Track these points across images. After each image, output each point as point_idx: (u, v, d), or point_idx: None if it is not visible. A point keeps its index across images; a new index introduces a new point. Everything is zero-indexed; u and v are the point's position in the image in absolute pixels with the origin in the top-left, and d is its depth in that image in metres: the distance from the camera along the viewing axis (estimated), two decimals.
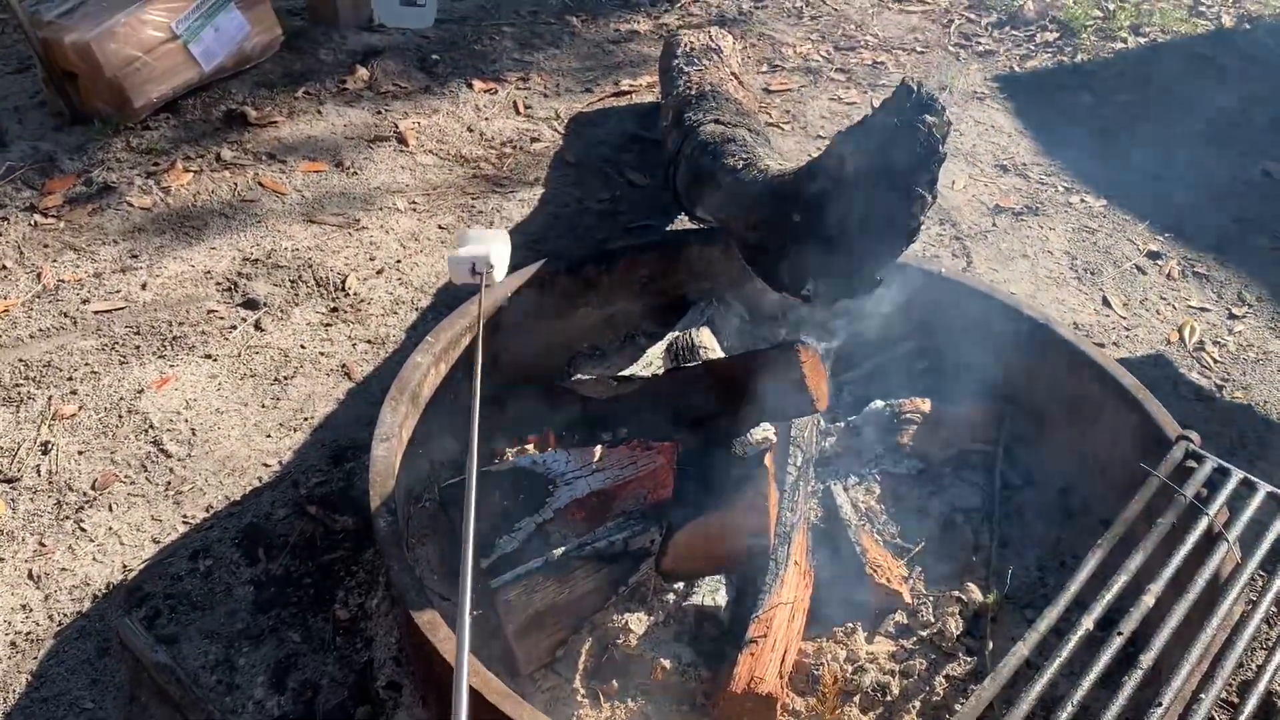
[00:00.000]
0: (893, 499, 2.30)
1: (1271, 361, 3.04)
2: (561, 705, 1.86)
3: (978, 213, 3.66)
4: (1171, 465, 2.00)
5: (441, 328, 2.27)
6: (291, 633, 2.07)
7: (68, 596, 2.14)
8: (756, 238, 2.02)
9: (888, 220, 1.77)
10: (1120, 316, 3.21)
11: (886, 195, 1.75)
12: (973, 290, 2.50)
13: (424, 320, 2.96)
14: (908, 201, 1.74)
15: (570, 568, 2.01)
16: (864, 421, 2.41)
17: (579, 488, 2.19)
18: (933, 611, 2.05)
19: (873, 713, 1.87)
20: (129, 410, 2.60)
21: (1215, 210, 3.73)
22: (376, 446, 1.95)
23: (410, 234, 3.34)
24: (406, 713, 1.92)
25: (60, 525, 2.29)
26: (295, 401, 2.66)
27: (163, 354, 2.78)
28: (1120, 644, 1.66)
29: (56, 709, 1.93)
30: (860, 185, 1.77)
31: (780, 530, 2.05)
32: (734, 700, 1.76)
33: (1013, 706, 1.57)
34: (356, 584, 2.16)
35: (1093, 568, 1.80)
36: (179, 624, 2.08)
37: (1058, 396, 2.41)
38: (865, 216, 1.79)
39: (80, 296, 2.98)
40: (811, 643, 1.97)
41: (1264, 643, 2.16)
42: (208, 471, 2.44)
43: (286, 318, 2.95)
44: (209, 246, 3.22)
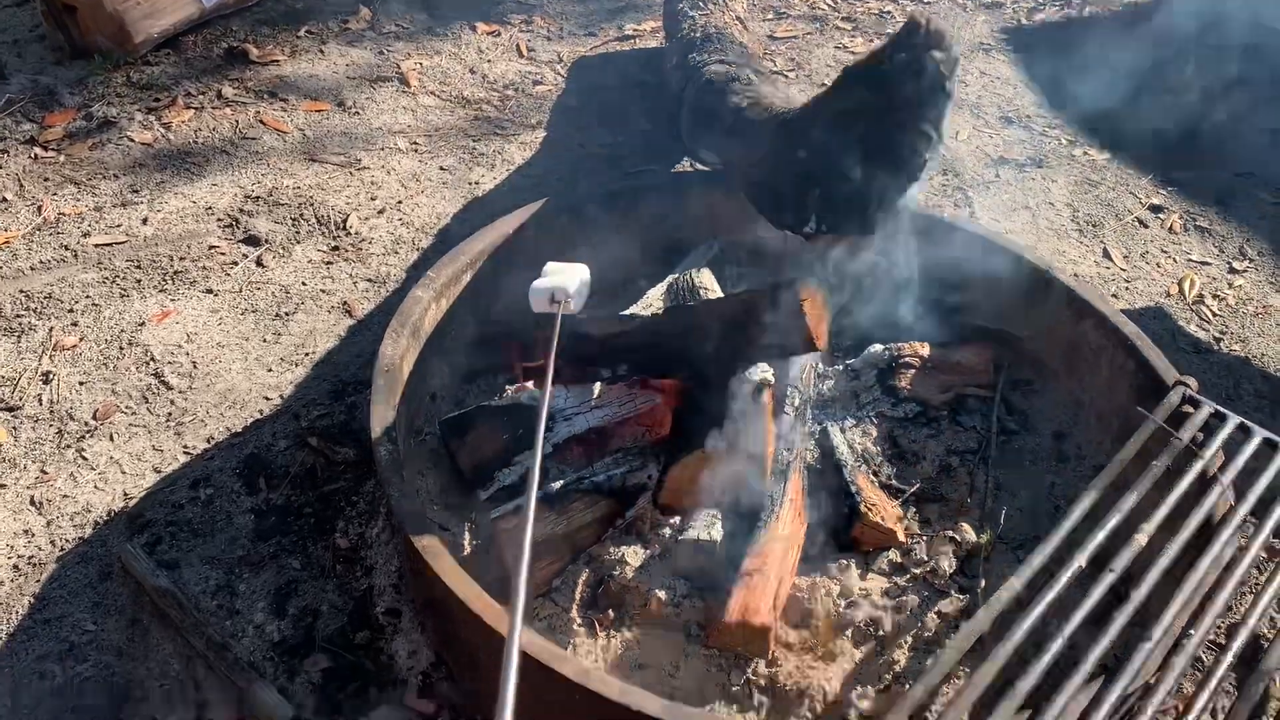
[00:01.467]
0: (889, 441, 2.31)
1: (1271, 316, 3.05)
2: (558, 633, 1.88)
3: (981, 164, 3.65)
4: (1168, 410, 2.01)
5: (443, 263, 2.27)
6: (292, 560, 2.09)
7: (69, 523, 2.16)
8: (760, 175, 2.01)
9: (893, 158, 1.77)
10: (1120, 269, 3.21)
11: (892, 132, 1.74)
12: (974, 236, 2.50)
13: (425, 260, 2.95)
14: (913, 138, 1.73)
15: (568, 501, 2.02)
16: (862, 364, 2.42)
17: (578, 424, 2.20)
18: (926, 550, 2.07)
19: (865, 646, 1.90)
20: (130, 342, 2.60)
21: (1219, 164, 3.71)
22: (377, 377, 1.96)
23: (411, 175, 3.32)
24: (405, 638, 1.94)
25: (62, 454, 2.31)
26: (296, 337, 2.67)
27: (163, 288, 2.78)
28: (1111, 581, 1.68)
29: (59, 630, 1.95)
30: (866, 122, 1.76)
31: (777, 468, 2.06)
32: (728, 630, 1.78)
33: (1003, 640, 1.59)
34: (357, 514, 2.18)
35: (1086, 508, 1.82)
36: (180, 550, 2.10)
37: (1056, 343, 2.42)
38: (870, 154, 1.78)
39: (81, 230, 2.97)
40: (805, 578, 1.99)
41: (1253, 587, 2.19)
42: (208, 403, 2.45)
43: (288, 255, 2.94)
44: (210, 183, 3.21)
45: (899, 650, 1.89)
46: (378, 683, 1.88)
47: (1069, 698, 1.50)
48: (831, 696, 1.80)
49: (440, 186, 3.28)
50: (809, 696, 1.79)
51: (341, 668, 1.90)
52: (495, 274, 2.37)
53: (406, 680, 1.89)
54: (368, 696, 1.86)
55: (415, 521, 1.69)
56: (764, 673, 1.82)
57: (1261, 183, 3.65)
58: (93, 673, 1.89)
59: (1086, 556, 1.72)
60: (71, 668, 1.90)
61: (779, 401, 2.18)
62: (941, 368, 2.40)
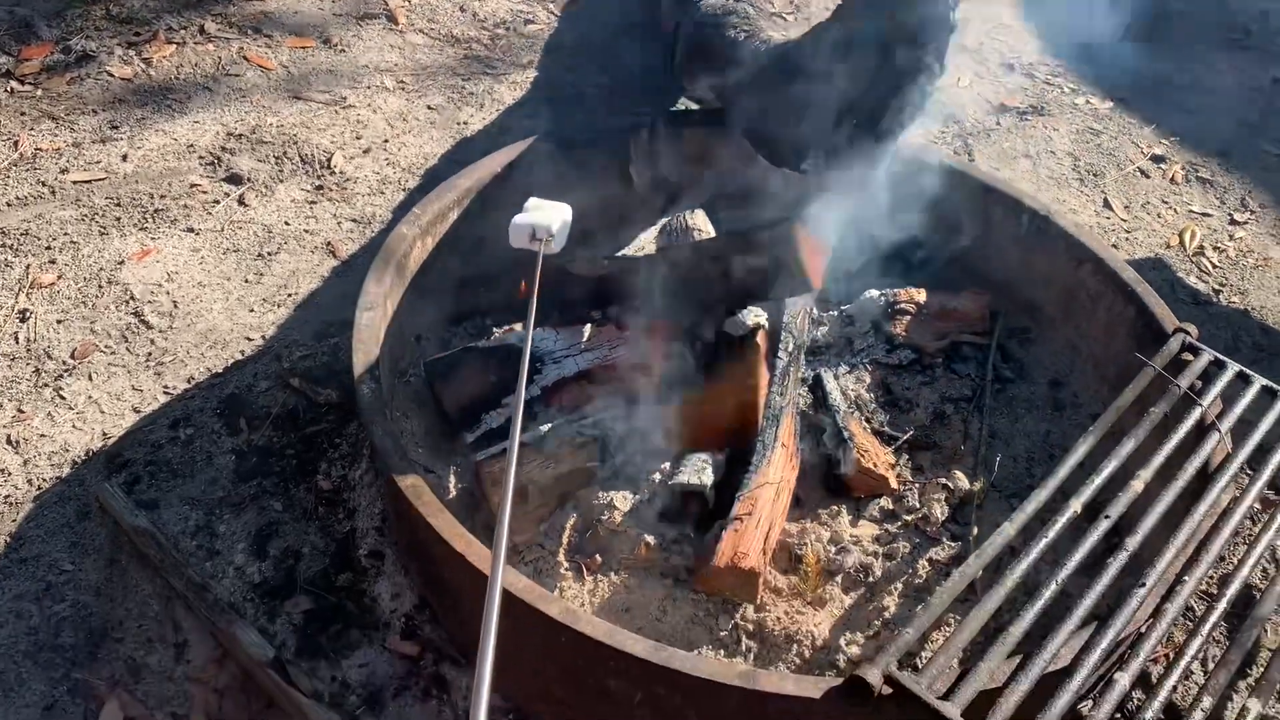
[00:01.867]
0: (883, 388, 2.27)
1: (1271, 268, 3.01)
2: (545, 577, 1.85)
3: (982, 110, 3.58)
4: (1167, 357, 1.98)
5: (428, 200, 2.21)
6: (273, 501, 2.05)
7: (47, 462, 2.11)
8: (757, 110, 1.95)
9: (894, 92, 1.71)
10: (1121, 219, 3.16)
11: (893, 65, 1.69)
12: (974, 180, 2.45)
13: (411, 201, 2.87)
14: (915, 72, 1.68)
15: (555, 444, 1.99)
16: (857, 310, 2.37)
17: (567, 366, 2.16)
18: (918, 498, 2.04)
19: (854, 592, 1.88)
20: (109, 281, 2.54)
21: (1223, 115, 3.65)
22: (360, 315, 1.91)
23: (398, 114, 3.25)
24: (388, 580, 1.91)
25: (39, 392, 2.26)
26: (279, 277, 2.61)
27: (144, 226, 2.72)
28: (1106, 528, 1.66)
29: (36, 569, 1.92)
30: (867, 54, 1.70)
31: (769, 413, 2.03)
32: (717, 574, 1.76)
33: (995, 586, 1.56)
34: (339, 455, 2.14)
35: (1082, 455, 1.78)
36: (159, 490, 2.06)
37: (1054, 289, 2.37)
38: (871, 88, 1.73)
39: (59, 166, 2.89)
40: (796, 524, 1.96)
41: (1246, 537, 2.17)
42: (189, 343, 2.40)
43: (271, 194, 2.88)
44: (192, 120, 3.13)
45: (889, 597, 1.87)
46: (360, 625, 1.85)
47: (1060, 643, 1.48)
48: (820, 642, 1.78)
49: (428, 126, 3.20)
50: (797, 642, 1.77)
51: (323, 610, 1.87)
52: (483, 212, 2.31)
53: (389, 623, 1.86)
54: (350, 638, 1.83)
55: (398, 462, 1.66)
56: (752, 618, 1.80)
57: (1265, 134, 3.59)
58: (70, 612, 1.86)
59: (1081, 503, 1.70)
60: (48, 607, 1.86)
61: (772, 346, 2.14)
62: (937, 314, 2.36)
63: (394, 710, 1.74)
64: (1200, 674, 1.92)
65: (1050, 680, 1.45)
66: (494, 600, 1.07)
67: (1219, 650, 1.95)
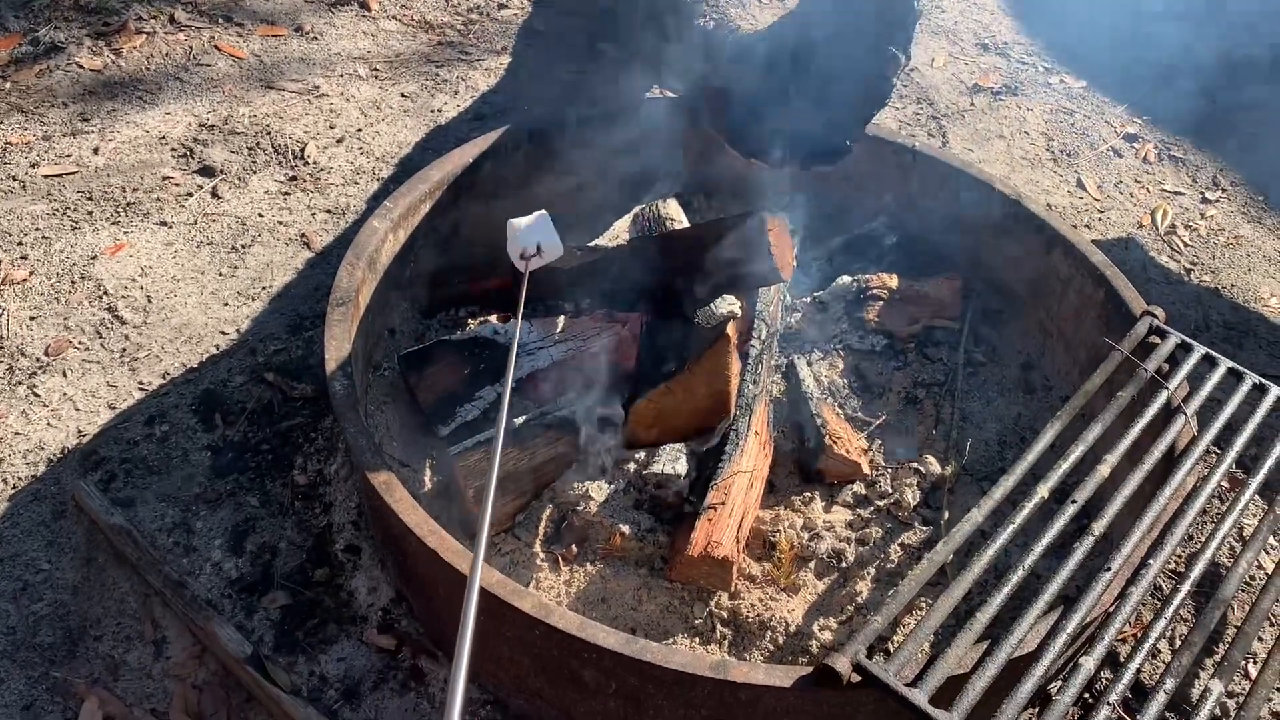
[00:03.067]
0: (856, 374, 2.29)
1: (1242, 246, 3.04)
2: (521, 569, 1.87)
3: (956, 92, 3.59)
4: (1135, 340, 2.00)
5: (400, 193, 2.20)
6: (249, 497, 2.06)
7: (22, 460, 2.11)
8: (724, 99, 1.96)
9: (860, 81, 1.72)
10: (1094, 199, 3.18)
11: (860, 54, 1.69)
12: (945, 165, 2.46)
13: (385, 191, 2.88)
14: (881, 61, 1.68)
15: (531, 436, 1.99)
16: (830, 297, 2.39)
17: (541, 358, 2.16)
18: (890, 483, 2.06)
19: (828, 578, 1.90)
20: (82, 276, 2.53)
21: (1196, 93, 3.67)
22: (332, 310, 1.91)
23: (372, 102, 3.23)
24: (365, 575, 1.92)
25: (13, 390, 2.25)
26: (253, 270, 2.60)
27: (116, 220, 2.70)
28: (1073, 512, 1.68)
29: (13, 569, 1.92)
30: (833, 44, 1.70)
31: (742, 401, 2.04)
32: (690, 564, 1.77)
33: (964, 571, 1.58)
34: (315, 450, 2.14)
35: (1050, 439, 1.81)
36: (135, 488, 2.06)
37: (1025, 273, 2.39)
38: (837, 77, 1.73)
39: (29, 160, 2.87)
40: (769, 511, 1.98)
41: (1214, 517, 2.20)
42: (164, 339, 2.40)
43: (244, 185, 2.86)
44: (163, 111, 3.11)
45: (862, 582, 1.89)
46: (337, 619, 1.86)
47: (1028, 627, 1.50)
48: (794, 628, 1.80)
49: (401, 114, 3.19)
50: (771, 628, 1.79)
51: (300, 605, 1.88)
52: (455, 204, 2.31)
53: (367, 616, 1.87)
54: (327, 633, 1.84)
55: (371, 458, 1.66)
56: (727, 605, 1.82)
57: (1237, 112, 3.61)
58: (48, 611, 1.86)
59: (1049, 488, 1.72)
60: (26, 606, 1.87)
61: (745, 334, 2.15)
62: (909, 300, 2.37)
63: (372, 703, 1.75)
64: (1167, 652, 1.96)
65: (1018, 664, 1.48)
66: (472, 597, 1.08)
67: (1185, 629, 1.98)
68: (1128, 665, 1.53)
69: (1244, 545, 1.81)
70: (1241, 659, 1.66)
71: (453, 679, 0.97)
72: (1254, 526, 1.87)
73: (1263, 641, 1.99)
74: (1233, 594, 1.72)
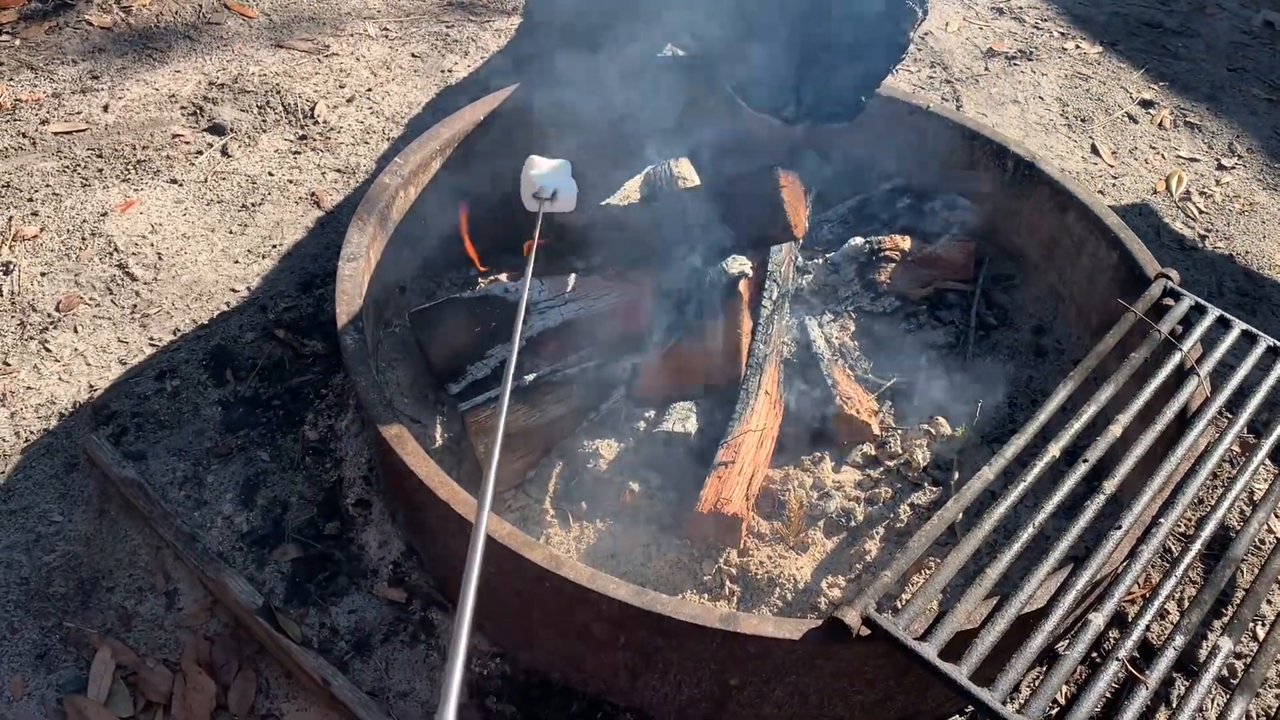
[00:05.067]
0: (867, 336, 2.28)
1: (1257, 213, 3.01)
2: (531, 525, 1.87)
3: (970, 56, 3.55)
4: (1149, 302, 1.99)
5: (411, 150, 2.19)
6: (260, 452, 2.07)
7: (34, 414, 2.12)
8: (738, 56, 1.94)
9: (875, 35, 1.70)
10: (1108, 165, 3.15)
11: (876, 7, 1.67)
12: (958, 126, 2.44)
13: (395, 151, 2.85)
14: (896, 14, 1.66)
15: (541, 393, 2.00)
16: (842, 258, 2.37)
17: (552, 317, 2.16)
18: (901, 444, 2.06)
19: (836, 537, 1.90)
20: (92, 233, 2.53)
21: (1212, 59, 3.63)
22: (343, 266, 1.90)
23: (382, 62, 3.21)
24: (376, 529, 1.93)
25: (24, 345, 2.25)
26: (263, 229, 2.60)
27: (126, 177, 2.70)
28: (1084, 471, 1.68)
29: (25, 520, 1.93)
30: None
31: (753, 361, 2.04)
32: (700, 520, 1.78)
33: (974, 529, 1.58)
34: (326, 406, 2.15)
35: (1062, 399, 1.80)
36: (146, 441, 2.07)
37: (1038, 236, 2.38)
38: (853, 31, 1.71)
39: (39, 117, 2.86)
40: (779, 470, 1.98)
41: (1224, 480, 2.20)
42: (174, 295, 2.40)
43: (254, 144, 2.85)
44: (173, 69, 3.09)
45: (870, 541, 1.90)
46: (348, 572, 1.87)
47: (1037, 584, 1.50)
48: (802, 585, 1.81)
49: (411, 74, 3.17)
50: (779, 585, 1.80)
51: (311, 558, 1.89)
52: (467, 162, 2.30)
53: (377, 570, 1.88)
54: (338, 585, 1.85)
55: (383, 411, 1.66)
56: (735, 562, 1.82)
57: (1254, 78, 3.57)
58: (60, 563, 1.87)
59: (1060, 447, 1.71)
60: (39, 558, 1.88)
61: (756, 294, 2.14)
62: (922, 262, 2.36)
63: (382, 655, 1.77)
64: (1175, 613, 1.96)
65: (1027, 621, 1.48)
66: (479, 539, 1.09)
67: (1194, 590, 1.98)
68: (1136, 624, 1.53)
69: (1254, 508, 1.81)
70: (1251, 618, 1.66)
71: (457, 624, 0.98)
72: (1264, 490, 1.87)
73: (1271, 604, 1.99)
74: (1243, 554, 1.72)
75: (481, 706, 1.70)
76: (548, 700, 1.72)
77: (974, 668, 1.40)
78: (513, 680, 1.75)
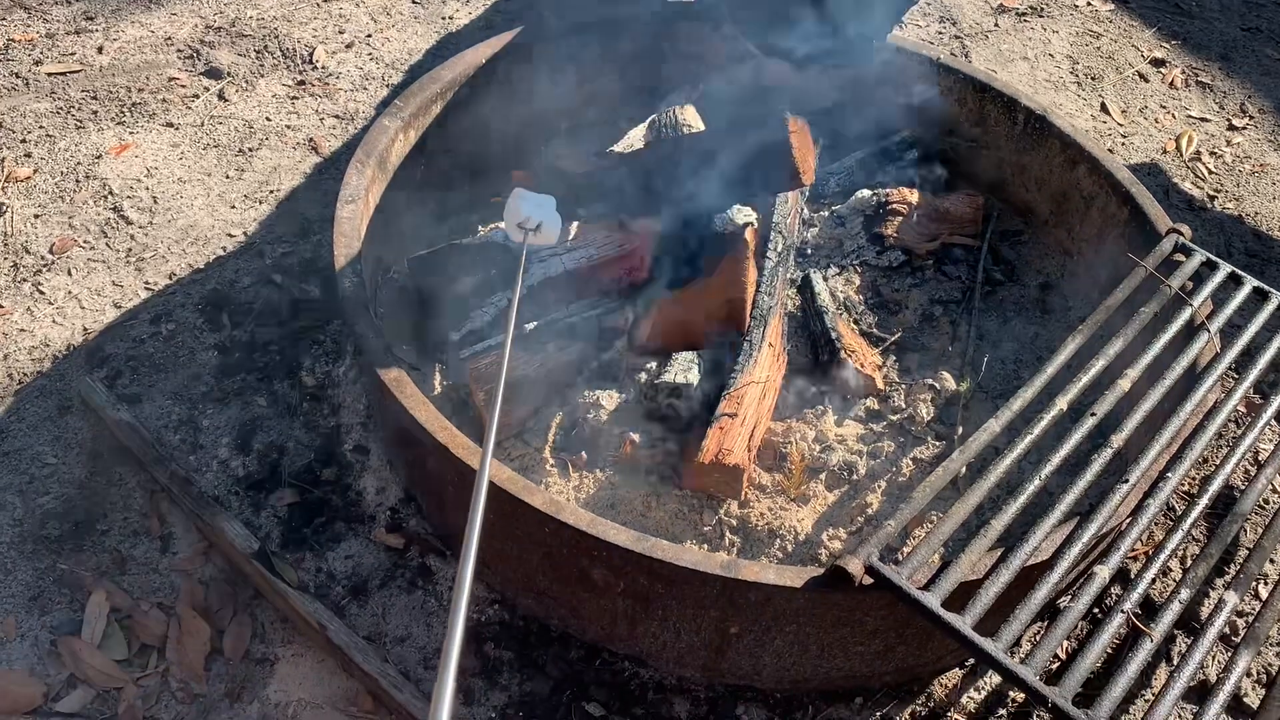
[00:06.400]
0: (872, 290, 2.26)
1: (1267, 174, 2.97)
2: (531, 474, 1.85)
3: (980, 12, 3.50)
4: (1159, 257, 1.96)
5: (410, 92, 2.15)
6: (257, 397, 2.04)
7: (27, 356, 2.09)
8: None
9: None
10: (1118, 124, 3.11)
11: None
12: (968, 79, 2.39)
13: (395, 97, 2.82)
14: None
15: (541, 342, 1.97)
16: (849, 211, 2.34)
17: (553, 265, 2.12)
18: (904, 398, 2.04)
19: (838, 490, 1.88)
20: (87, 175, 2.49)
21: (1225, 18, 3.57)
22: (341, 208, 1.87)
23: (381, 8, 3.15)
24: (374, 475, 1.91)
25: (18, 287, 2.22)
26: (260, 174, 2.56)
27: (121, 120, 2.65)
28: (1091, 425, 1.66)
29: (19, 463, 1.91)
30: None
31: (757, 313, 2.01)
32: (701, 471, 1.76)
33: (978, 481, 1.56)
34: (323, 352, 2.12)
35: (1070, 354, 1.78)
36: (141, 385, 2.04)
37: (1048, 190, 2.34)
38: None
39: (32, 57, 2.81)
40: (781, 423, 1.96)
41: (1230, 440, 2.18)
42: (170, 239, 2.36)
43: (251, 89, 2.80)
44: (169, 12, 3.03)
45: (872, 494, 1.88)
46: (345, 518, 1.85)
47: (1042, 537, 1.49)
48: (803, 537, 1.79)
49: (412, 20, 3.12)
50: (780, 536, 1.78)
51: (308, 503, 1.87)
52: (469, 105, 2.26)
53: (375, 516, 1.86)
54: (335, 531, 1.83)
55: (381, 355, 1.64)
56: (736, 513, 1.81)
57: (1267, 38, 3.52)
58: (54, 505, 1.85)
59: (1068, 401, 1.69)
60: (33, 500, 1.86)
61: (761, 245, 2.11)
62: (929, 216, 2.33)
63: (379, 600, 1.75)
64: (1179, 570, 1.95)
65: (1031, 574, 1.47)
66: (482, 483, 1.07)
67: (1198, 548, 1.97)
68: (1140, 579, 1.52)
69: (1260, 467, 1.80)
70: (1255, 576, 1.65)
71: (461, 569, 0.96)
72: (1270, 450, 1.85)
73: (1275, 563, 1.98)
74: (1249, 510, 1.70)
75: (480, 652, 1.69)
76: (546, 647, 1.71)
77: (977, 618, 1.38)
78: (511, 626, 1.73)
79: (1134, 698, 1.73)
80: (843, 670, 1.64)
